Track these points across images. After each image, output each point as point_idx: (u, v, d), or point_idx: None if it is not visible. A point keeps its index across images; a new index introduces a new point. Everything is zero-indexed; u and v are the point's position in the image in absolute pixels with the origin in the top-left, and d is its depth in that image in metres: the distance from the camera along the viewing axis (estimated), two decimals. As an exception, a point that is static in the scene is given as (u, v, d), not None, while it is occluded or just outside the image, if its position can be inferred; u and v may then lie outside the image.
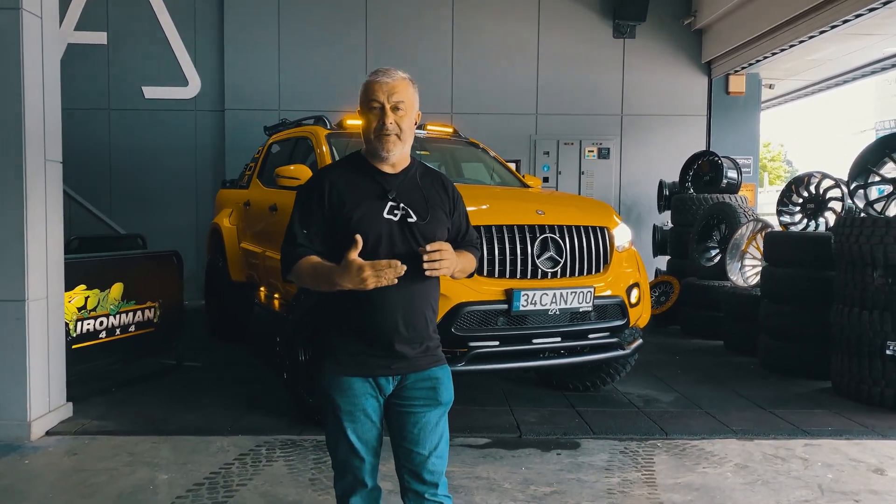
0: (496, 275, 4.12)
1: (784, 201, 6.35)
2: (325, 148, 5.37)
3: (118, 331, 5.37)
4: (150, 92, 10.16)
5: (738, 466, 3.85)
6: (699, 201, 8.48)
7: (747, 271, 7.22)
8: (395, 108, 2.14)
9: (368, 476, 2.22)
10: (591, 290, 4.29)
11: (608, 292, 4.46)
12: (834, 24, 7.72)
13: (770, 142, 42.76)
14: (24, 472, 3.67)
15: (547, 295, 4.14)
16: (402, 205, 2.15)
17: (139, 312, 5.56)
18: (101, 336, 5.20)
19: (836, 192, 6.10)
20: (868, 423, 4.61)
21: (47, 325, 4.29)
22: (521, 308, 4.09)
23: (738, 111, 10.45)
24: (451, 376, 2.30)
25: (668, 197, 9.37)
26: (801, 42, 8.48)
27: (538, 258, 4.20)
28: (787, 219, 6.35)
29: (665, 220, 9.76)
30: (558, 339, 4.32)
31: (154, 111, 10.16)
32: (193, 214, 10.05)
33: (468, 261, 2.30)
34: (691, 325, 7.91)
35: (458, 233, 2.32)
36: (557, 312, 4.21)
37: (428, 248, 2.05)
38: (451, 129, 6.22)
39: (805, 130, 63.42)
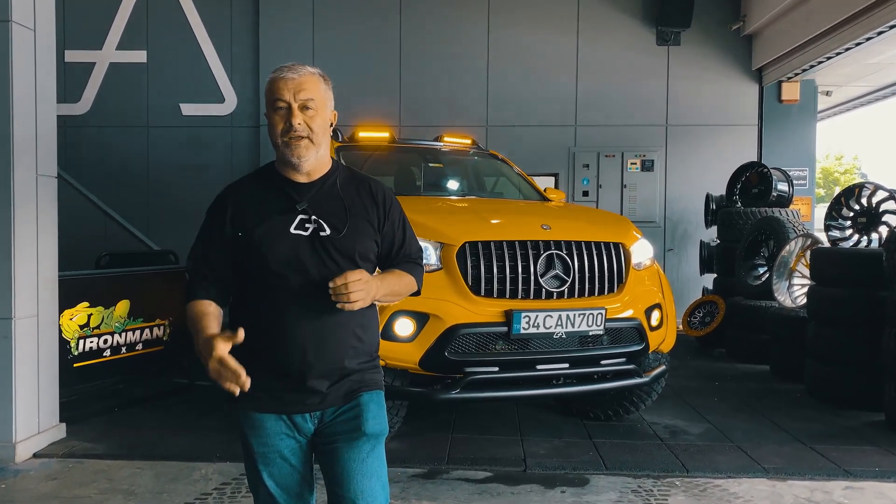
0: (495, 294, 3.82)
1: (833, 215, 5.83)
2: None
3: (124, 349, 5.26)
4: (188, 109, 10.24)
5: (764, 512, 3.43)
6: (746, 215, 7.96)
7: (796, 291, 6.69)
8: (304, 108, 1.88)
9: None
10: (603, 311, 3.94)
11: (624, 314, 4.10)
12: (892, 23, 7.14)
13: (843, 154, 41.06)
14: (-5, 498, 3.54)
15: (551, 317, 3.81)
16: (313, 217, 1.90)
17: (147, 330, 5.46)
18: (105, 354, 5.10)
19: (890, 205, 5.56)
20: (923, 463, 4.09)
21: (37, 344, 4.19)
22: (523, 331, 3.77)
23: (791, 120, 9.84)
24: (384, 403, 2.01)
25: (715, 211, 8.86)
26: (857, 45, 7.89)
27: (542, 277, 3.88)
28: (836, 234, 5.83)
29: (713, 235, 9.23)
30: (566, 365, 3.98)
31: (191, 128, 10.24)
32: (228, 230, 10.03)
33: (402, 282, 2.02)
34: (737, 348, 7.39)
35: (391, 246, 2.04)
36: (564, 336, 3.87)
37: (332, 284, 1.79)
38: (469, 141, 5.96)
39: (882, 140, 60.50)
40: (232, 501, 3.49)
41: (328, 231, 1.89)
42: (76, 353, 4.87)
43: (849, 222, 5.79)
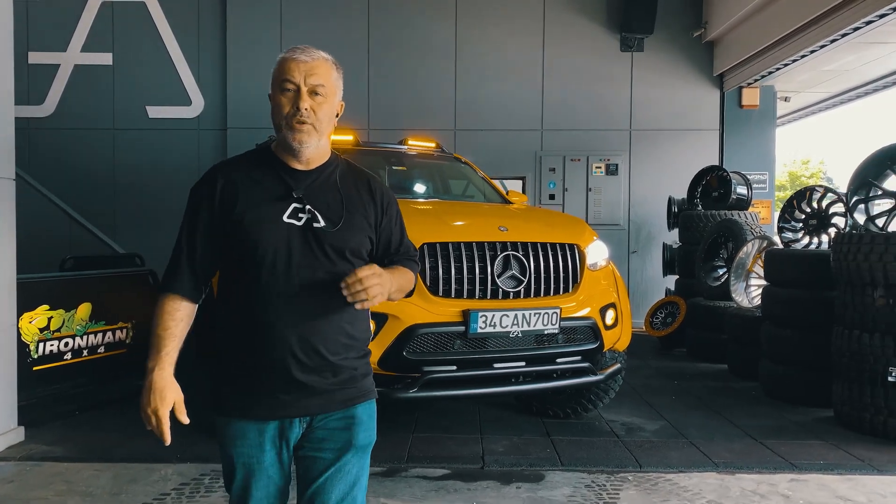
0: (453, 295, 3.89)
1: (786, 217, 6.00)
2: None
3: (85, 352, 5.25)
4: (155, 112, 10.20)
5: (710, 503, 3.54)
6: (706, 218, 8.14)
7: (752, 291, 6.86)
8: (314, 93, 1.82)
9: None
10: (558, 311, 4.03)
11: (579, 313, 4.20)
12: (844, 31, 7.35)
13: (810, 158, 41.76)
14: (-50, 501, 3.53)
15: (507, 316, 3.90)
16: (308, 207, 1.83)
17: (110, 333, 5.45)
18: (66, 357, 5.09)
19: (839, 208, 5.74)
20: (866, 456, 4.24)
21: (-5, 347, 4.18)
22: (480, 330, 3.85)
23: (752, 125, 10.08)
24: (376, 414, 1.96)
25: (677, 214, 9.04)
26: (811, 52, 8.13)
27: (499, 277, 3.96)
28: (789, 235, 6.00)
29: (675, 238, 9.40)
30: (522, 363, 4.06)
31: (158, 130, 10.19)
32: (195, 234, 10.00)
33: (406, 279, 1.98)
34: (697, 347, 7.55)
35: (388, 244, 1.99)
36: (520, 335, 3.96)
37: (344, 282, 1.73)
38: (433, 144, 6.04)
39: (848, 144, 61.75)
40: (190, 501, 3.52)
41: (322, 223, 1.83)
42: (35, 357, 4.86)
43: (801, 224, 5.96)
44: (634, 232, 10.15)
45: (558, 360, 4.17)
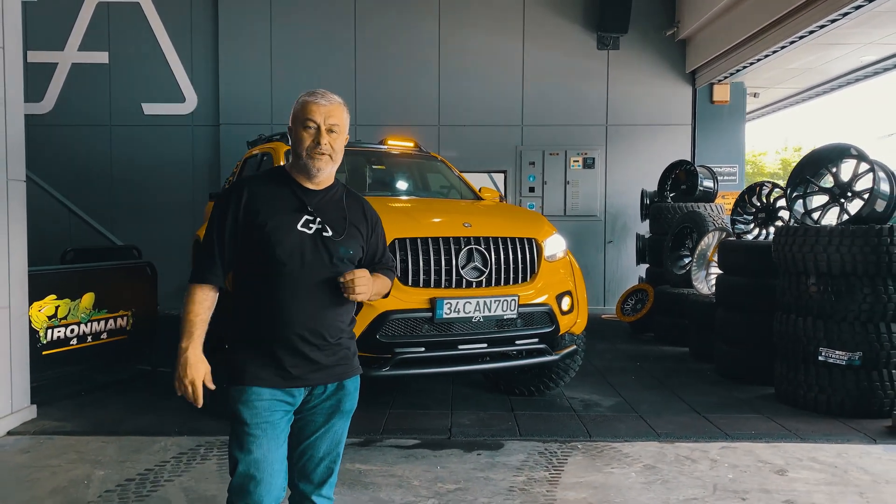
0: (421, 284, 4.35)
1: (738, 210, 6.48)
2: (282, 163, 5.65)
3: (90, 338, 5.70)
4: (150, 108, 10.61)
5: (646, 467, 4.02)
6: (674, 210, 8.61)
7: (712, 279, 7.33)
8: (330, 131, 2.26)
9: (267, 499, 2.21)
10: (516, 298, 4.49)
11: (536, 300, 4.65)
12: (804, 32, 7.81)
13: (801, 146, 42.15)
14: (-25, 468, 3.99)
15: (470, 303, 4.36)
16: (318, 219, 2.26)
17: (111, 321, 5.90)
18: (71, 343, 5.54)
19: (784, 202, 6.20)
20: (795, 427, 4.73)
21: (10, 333, 4.62)
22: (445, 316, 4.31)
23: (723, 120, 10.55)
24: (359, 386, 2.41)
25: (649, 206, 9.50)
26: (774, 52, 8.59)
27: (463, 268, 4.42)
28: (742, 227, 6.47)
29: (648, 229, 9.88)
30: (484, 345, 4.53)
31: (153, 126, 10.60)
32: (190, 226, 10.42)
33: (383, 284, 2.47)
34: (663, 332, 8.04)
35: (374, 255, 2.46)
36: (482, 320, 4.42)
37: (345, 277, 2.20)
38: (412, 143, 6.46)
39: (829, 135, 62.40)
40: (188, 467, 3.98)
41: (330, 232, 2.26)
42: (45, 342, 5.30)
43: (751, 217, 6.43)
44: (611, 223, 10.62)
45: (517, 343, 4.64)
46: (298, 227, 2.23)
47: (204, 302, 2.26)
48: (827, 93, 11.20)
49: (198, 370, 2.21)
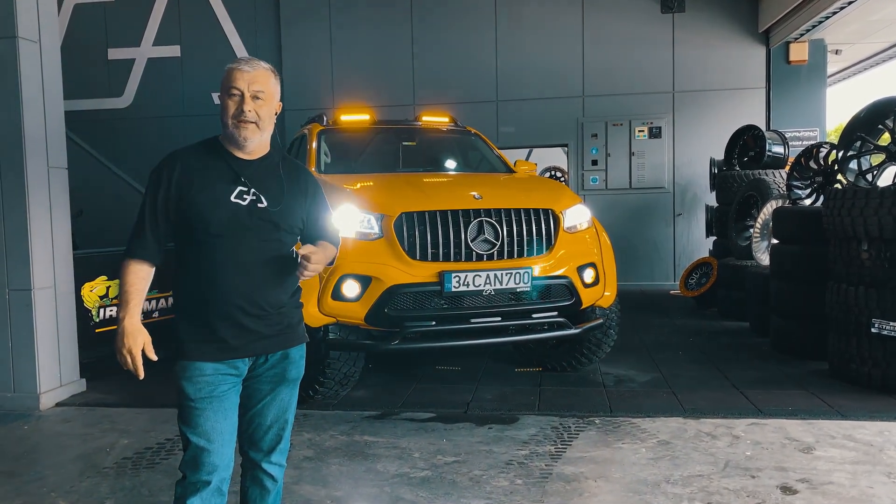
0: (430, 258, 4.31)
1: (794, 175, 6.05)
2: (314, 144, 5.72)
3: (141, 317, 5.99)
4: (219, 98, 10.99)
5: (660, 443, 3.84)
6: (740, 178, 8.15)
7: (774, 249, 6.90)
8: (255, 97, 2.20)
9: (216, 474, 2.23)
10: (529, 270, 4.38)
11: (555, 273, 4.53)
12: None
13: None
14: (17, 434, 4.30)
15: (480, 276, 4.29)
16: (252, 190, 2.23)
17: (162, 300, 6.19)
18: (124, 321, 5.84)
19: (844, 163, 5.72)
20: (839, 403, 4.40)
21: (56, 311, 4.93)
22: (454, 289, 4.26)
23: (800, 81, 9.87)
24: (305, 354, 2.41)
25: (717, 175, 9.04)
26: (850, 2, 7.91)
27: (473, 241, 4.34)
28: (798, 192, 6.04)
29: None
30: (498, 318, 4.45)
31: (223, 115, 10.99)
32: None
33: (331, 253, 2.40)
34: (726, 306, 7.66)
35: (315, 222, 2.40)
36: (493, 293, 4.34)
37: (301, 254, 2.18)
38: (447, 119, 6.40)
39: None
40: (205, 437, 4.14)
41: (265, 203, 2.22)
42: (97, 321, 5.63)
43: (808, 181, 5.99)
44: (680, 194, 10.18)
45: (534, 316, 4.53)
46: (232, 198, 2.21)
47: (138, 273, 2.27)
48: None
49: (135, 340, 2.24)
